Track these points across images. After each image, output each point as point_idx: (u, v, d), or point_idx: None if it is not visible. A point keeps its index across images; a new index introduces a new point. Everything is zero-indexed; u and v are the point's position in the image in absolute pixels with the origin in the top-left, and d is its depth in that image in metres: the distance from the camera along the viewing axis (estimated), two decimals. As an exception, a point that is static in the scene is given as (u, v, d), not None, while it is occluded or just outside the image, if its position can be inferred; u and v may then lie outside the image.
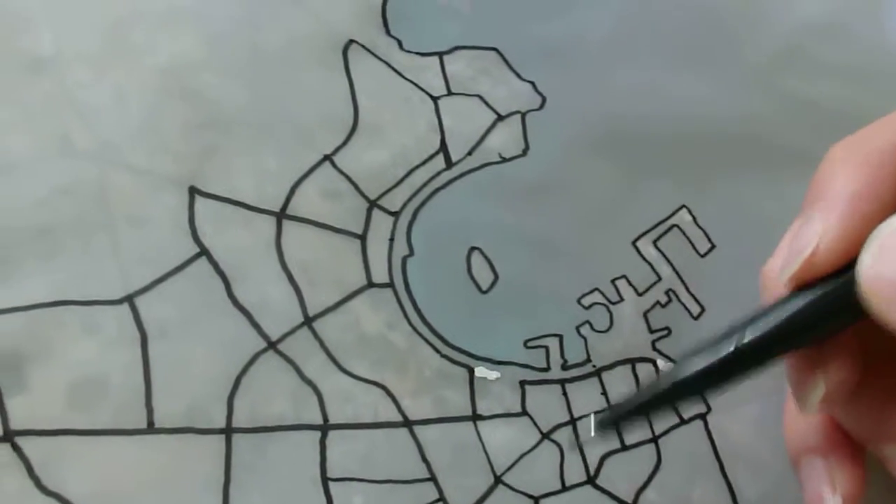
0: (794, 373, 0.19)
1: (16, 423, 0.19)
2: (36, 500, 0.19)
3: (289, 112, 0.24)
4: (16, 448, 0.19)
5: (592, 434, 0.20)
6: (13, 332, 0.20)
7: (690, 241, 0.26)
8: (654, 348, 0.24)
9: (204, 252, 0.22)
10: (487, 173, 0.25)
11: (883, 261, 0.16)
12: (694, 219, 0.26)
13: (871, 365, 0.19)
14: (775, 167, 0.27)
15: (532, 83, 0.27)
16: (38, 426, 0.20)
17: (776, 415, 0.24)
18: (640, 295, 0.25)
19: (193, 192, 0.23)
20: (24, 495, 0.19)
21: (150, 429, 0.20)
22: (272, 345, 0.21)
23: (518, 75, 0.27)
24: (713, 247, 0.26)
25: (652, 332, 0.24)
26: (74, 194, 0.22)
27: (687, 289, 0.25)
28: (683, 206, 0.26)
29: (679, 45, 0.28)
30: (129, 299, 0.21)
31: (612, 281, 0.25)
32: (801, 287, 0.18)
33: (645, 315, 0.24)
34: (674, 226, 0.26)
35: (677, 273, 0.25)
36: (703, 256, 0.26)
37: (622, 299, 0.24)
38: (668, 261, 0.25)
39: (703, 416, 0.24)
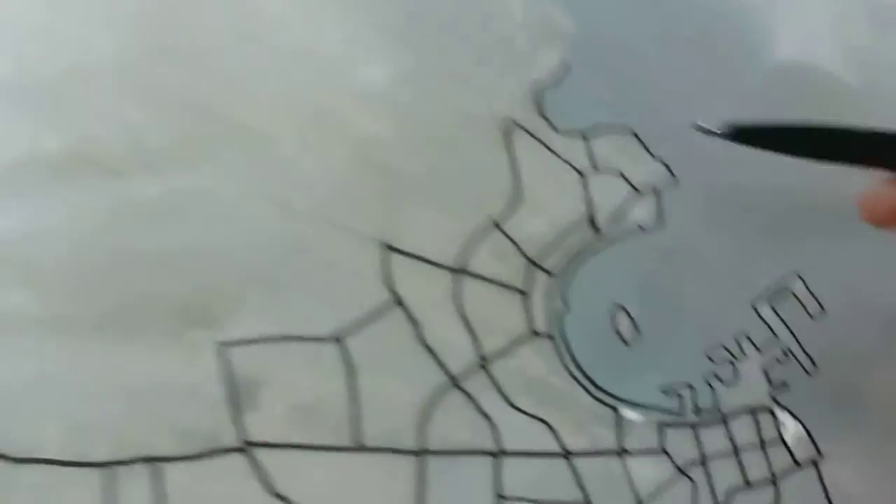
0: None
1: (251, 437, 0.24)
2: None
3: (461, 184, 0.29)
4: (251, 458, 0.23)
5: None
6: (249, 360, 0.24)
7: (803, 305, 0.29)
8: (774, 400, 0.28)
9: (398, 300, 0.26)
10: (629, 241, 0.29)
11: None
12: (805, 284, 0.30)
13: None
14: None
15: (664, 162, 0.31)
16: (269, 440, 0.24)
17: (888, 466, 0.27)
18: (760, 352, 0.28)
19: (388, 248, 0.27)
20: (258, 499, 0.23)
21: (359, 447, 0.24)
22: (454, 381, 0.26)
23: (651, 154, 0.31)
24: (824, 310, 0.29)
25: (772, 385, 0.28)
26: (296, 248, 0.26)
27: (801, 348, 0.29)
28: (796, 272, 0.30)
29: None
30: (340, 338, 0.25)
31: (736, 339, 0.28)
32: None
33: (765, 370, 0.28)
34: (788, 290, 0.30)
35: (792, 333, 0.29)
36: (814, 319, 0.29)
37: (745, 355, 0.28)
38: (784, 322, 0.29)
39: (815, 463, 0.27)
